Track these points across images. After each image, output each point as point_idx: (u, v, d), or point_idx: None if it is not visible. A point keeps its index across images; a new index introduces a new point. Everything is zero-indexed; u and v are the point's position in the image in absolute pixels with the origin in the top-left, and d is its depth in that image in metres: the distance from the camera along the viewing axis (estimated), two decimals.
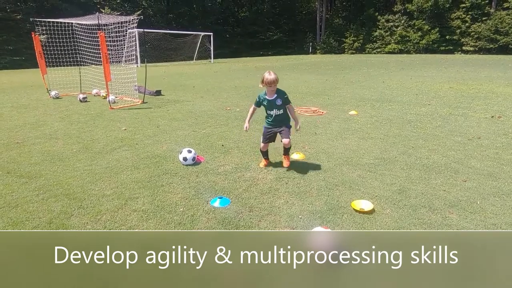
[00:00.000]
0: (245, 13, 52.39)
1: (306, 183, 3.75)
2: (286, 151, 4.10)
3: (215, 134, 5.91)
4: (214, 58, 33.36)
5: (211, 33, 31.80)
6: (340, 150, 4.96)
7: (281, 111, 3.91)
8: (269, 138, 4.08)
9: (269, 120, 4.01)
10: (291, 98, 4.08)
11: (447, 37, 41.46)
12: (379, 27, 45.56)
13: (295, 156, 4.65)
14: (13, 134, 6.10)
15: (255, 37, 50.14)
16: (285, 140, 3.95)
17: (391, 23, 44.78)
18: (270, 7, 53.33)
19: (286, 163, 4.14)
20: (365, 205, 3.14)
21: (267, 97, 3.87)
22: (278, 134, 4.04)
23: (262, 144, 4.14)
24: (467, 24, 40.35)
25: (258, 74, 17.43)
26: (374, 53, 44.51)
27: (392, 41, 44.44)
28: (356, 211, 3.09)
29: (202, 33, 32.23)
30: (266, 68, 19.05)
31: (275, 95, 3.84)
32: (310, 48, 47.67)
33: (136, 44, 17.41)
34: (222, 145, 5.18)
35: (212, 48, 32.69)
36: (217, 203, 3.27)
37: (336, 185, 3.69)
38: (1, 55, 34.57)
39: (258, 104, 4.04)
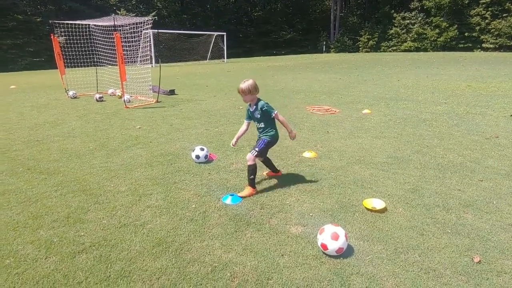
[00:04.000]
0: (258, 13, 52.45)
1: (317, 182, 3.75)
2: (248, 171, 3.43)
3: (227, 132, 5.95)
4: (227, 57, 33.51)
5: (225, 33, 31.95)
6: (352, 149, 4.93)
7: (262, 124, 3.41)
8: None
9: (257, 132, 3.56)
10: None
11: (466, 34, 40.38)
12: (395, 24, 44.77)
13: (307, 154, 4.65)
14: (33, 132, 6.31)
15: (268, 37, 50.13)
16: (247, 156, 3.41)
17: (408, 21, 43.93)
18: (283, 6, 53.20)
19: (242, 192, 3.43)
20: (377, 203, 3.11)
21: (249, 108, 3.46)
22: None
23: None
24: (487, 20, 39.17)
25: (271, 73, 17.43)
26: (389, 51, 43.78)
27: (408, 39, 43.59)
28: (368, 209, 3.07)
29: (216, 33, 32.43)
30: (279, 68, 19.21)
31: (254, 107, 3.38)
32: (324, 47, 47.24)
33: (150, 44, 17.71)
34: None
35: (225, 47, 32.85)
36: (228, 200, 3.31)
37: (348, 184, 3.68)
38: (22, 56, 35.72)
39: (248, 117, 3.55)
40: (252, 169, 3.38)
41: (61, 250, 2.56)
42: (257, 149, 3.37)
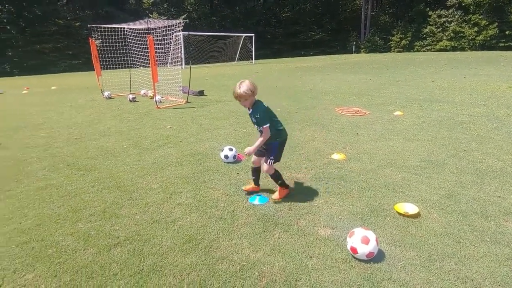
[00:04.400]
0: (287, 13, 52.29)
1: (346, 184, 3.68)
2: (274, 180, 3.31)
3: (255, 133, 5.96)
4: (255, 59, 33.67)
5: (253, 34, 32.14)
6: (383, 152, 4.80)
7: (261, 128, 3.10)
8: (259, 153, 3.31)
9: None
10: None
11: (507, 32, 37.99)
12: (430, 23, 42.97)
13: (336, 156, 4.58)
14: (72, 131, 6.66)
15: (296, 37, 49.83)
16: (264, 166, 3.21)
17: (444, 19, 42.02)
18: (312, 6, 52.70)
19: (276, 195, 3.35)
20: (410, 208, 3.01)
21: (248, 110, 3.14)
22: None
23: (253, 157, 3.39)
24: None
25: (299, 74, 17.32)
26: (423, 51, 42.10)
27: (444, 38, 41.68)
28: (400, 214, 2.98)
29: (244, 35, 32.69)
30: (307, 69, 18.99)
31: (251, 110, 3.08)
32: (354, 47, 46.27)
33: (181, 46, 18.17)
34: None
35: (253, 49, 33.03)
36: (256, 201, 3.33)
37: (379, 187, 3.59)
38: (62, 59, 37.86)
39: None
40: (276, 175, 3.28)
41: (98, 243, 2.69)
42: (272, 157, 3.15)
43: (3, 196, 3.66)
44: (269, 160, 3.15)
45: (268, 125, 3.01)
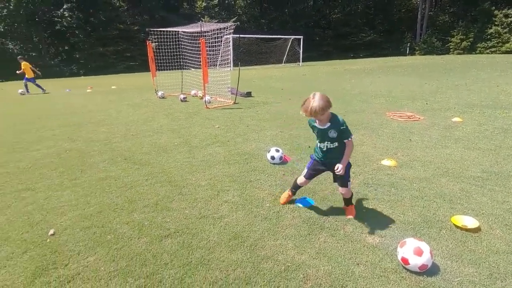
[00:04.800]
0: (337, 15, 51.14)
1: (397, 192, 3.52)
2: (348, 201, 3.09)
3: (302, 135, 5.95)
4: (302, 61, 33.41)
5: (301, 36, 31.92)
6: (439, 160, 4.50)
7: (336, 144, 2.77)
8: (314, 175, 3.10)
9: (319, 155, 2.94)
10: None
11: None
12: (496, 23, 39.33)
13: (386, 162, 4.40)
14: (129, 127, 7.14)
15: (346, 39, 48.53)
16: (343, 190, 2.93)
17: (511, 19, 38.27)
18: (364, 7, 50.99)
19: (349, 214, 3.08)
20: (469, 221, 2.80)
21: (316, 124, 2.80)
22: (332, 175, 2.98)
23: (302, 178, 3.14)
24: None
25: (348, 77, 16.86)
26: (487, 53, 38.66)
27: None
28: (458, 227, 2.78)
29: (292, 37, 32.60)
30: (357, 71, 18.41)
31: (328, 124, 2.71)
32: (408, 49, 43.88)
33: (230, 49, 18.63)
34: (309, 147, 5.19)
35: (301, 51, 32.80)
36: (302, 203, 3.31)
37: (433, 197, 3.38)
38: (121, 61, 40.80)
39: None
40: (352, 196, 3.08)
41: (150, 233, 2.86)
42: (350, 179, 2.91)
43: (70, 184, 4.04)
44: (348, 183, 2.89)
45: (352, 136, 2.75)
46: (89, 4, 40.14)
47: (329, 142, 2.77)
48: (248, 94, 11.27)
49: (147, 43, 11.57)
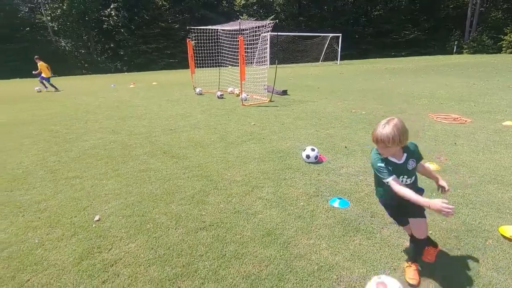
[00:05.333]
0: (379, 12, 49.30)
1: (439, 197, 3.34)
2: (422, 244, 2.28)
3: (338, 135, 5.83)
4: (340, 59, 32.65)
5: (340, 34, 31.18)
6: (486, 165, 4.21)
7: (413, 179, 2.17)
8: (403, 216, 2.29)
9: (388, 194, 2.14)
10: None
11: None
12: None
13: (428, 166, 4.18)
14: (168, 122, 7.41)
15: (387, 37, 46.63)
16: (418, 233, 2.17)
17: None
18: (408, 2, 48.68)
19: (427, 258, 2.38)
20: None
21: (394, 160, 2.06)
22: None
23: (402, 228, 2.43)
24: None
25: (388, 76, 16.23)
26: None
27: None
28: (506, 238, 2.60)
29: (331, 35, 31.94)
30: (398, 70, 17.57)
31: (405, 155, 2.08)
32: (455, 47, 41.29)
33: (267, 46, 18.65)
34: (345, 147, 5.09)
35: (339, 49, 32.06)
36: (336, 203, 3.26)
37: (480, 205, 3.17)
38: (161, 58, 42.34)
39: (391, 172, 2.03)
40: (427, 237, 2.29)
41: (187, 224, 2.96)
42: (424, 221, 2.16)
43: (113, 174, 4.28)
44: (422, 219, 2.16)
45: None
46: (134, 3, 42.02)
47: (406, 177, 2.12)
48: (284, 92, 11.23)
49: (187, 41, 11.90)
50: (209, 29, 12.47)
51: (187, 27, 13.37)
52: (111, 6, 42.47)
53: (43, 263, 2.49)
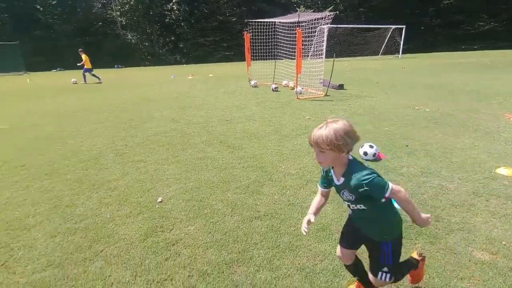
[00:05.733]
0: (450, 1, 45.15)
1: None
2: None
3: (398, 133, 5.53)
4: (402, 53, 30.68)
5: (404, 26, 29.23)
6: None
7: (360, 206, 1.69)
8: (347, 239, 2.00)
9: (350, 213, 1.91)
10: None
11: None
12: None
13: (503, 171, 3.80)
14: (224, 113, 7.63)
15: (458, 28, 42.62)
16: (371, 278, 1.86)
17: None
18: None
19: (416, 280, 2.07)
20: None
21: (334, 177, 1.71)
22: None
23: (338, 248, 2.03)
24: None
25: (458, 71, 14.89)
26: None
27: None
28: None
29: (394, 26, 30.10)
30: (468, 65, 16.22)
31: (342, 179, 1.65)
32: None
33: (324, 39, 18.19)
34: (407, 146, 4.80)
35: (402, 42, 30.10)
36: (396, 204, 3.09)
37: None
38: (218, 50, 43.53)
39: (326, 182, 1.85)
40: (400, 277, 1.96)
41: (242, 213, 3.04)
42: (386, 269, 1.75)
43: (174, 160, 4.54)
44: (383, 274, 1.77)
45: (391, 185, 1.67)
46: None
47: (348, 203, 1.74)
48: (340, 87, 10.89)
49: (245, 34, 12.06)
50: (267, 22, 12.50)
51: (245, 20, 13.54)
52: (173, 1, 44.58)
53: (114, 236, 2.74)
